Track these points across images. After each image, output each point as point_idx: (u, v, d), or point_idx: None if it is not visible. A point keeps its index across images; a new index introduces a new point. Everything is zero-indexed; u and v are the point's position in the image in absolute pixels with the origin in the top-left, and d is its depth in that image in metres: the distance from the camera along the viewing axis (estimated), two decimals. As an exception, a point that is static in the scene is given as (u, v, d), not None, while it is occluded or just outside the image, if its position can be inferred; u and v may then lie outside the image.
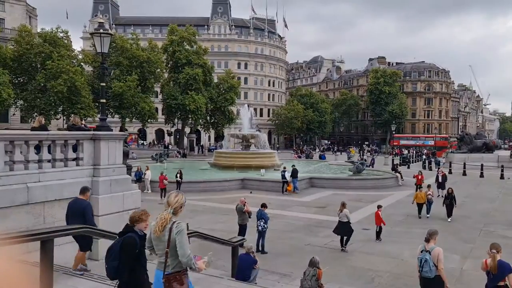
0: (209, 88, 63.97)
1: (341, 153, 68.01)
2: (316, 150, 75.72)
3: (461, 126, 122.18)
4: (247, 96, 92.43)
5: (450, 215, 19.27)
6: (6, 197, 7.85)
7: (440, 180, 25.75)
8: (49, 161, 8.92)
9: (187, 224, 13.94)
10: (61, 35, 50.87)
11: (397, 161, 48.28)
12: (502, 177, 36.13)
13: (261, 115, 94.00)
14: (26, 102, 48.65)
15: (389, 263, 13.00)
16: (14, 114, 54.88)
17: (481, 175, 37.33)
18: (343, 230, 14.39)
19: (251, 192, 25.37)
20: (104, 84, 13.97)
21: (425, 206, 19.99)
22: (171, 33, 62.78)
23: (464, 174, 38.71)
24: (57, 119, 52.63)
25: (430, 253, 7.73)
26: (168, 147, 68.58)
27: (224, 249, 11.41)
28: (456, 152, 52.15)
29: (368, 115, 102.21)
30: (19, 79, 49.69)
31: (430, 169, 44.46)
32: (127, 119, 59.74)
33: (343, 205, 14.74)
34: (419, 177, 26.96)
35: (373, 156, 59.09)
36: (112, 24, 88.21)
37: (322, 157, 57.99)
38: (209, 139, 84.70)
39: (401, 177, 32.05)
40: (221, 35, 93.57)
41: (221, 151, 42.02)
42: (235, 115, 67.46)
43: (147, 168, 27.33)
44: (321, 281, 8.55)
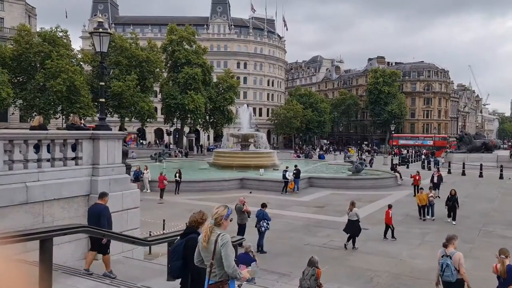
0: (208, 88, 63.95)
1: (340, 153, 67.99)
2: (317, 150, 75.49)
3: (460, 126, 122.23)
4: (246, 96, 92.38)
5: (454, 217, 18.73)
6: (5, 196, 7.85)
7: (436, 180, 25.54)
8: (48, 160, 8.90)
9: (186, 224, 14.03)
10: (61, 34, 50.78)
11: (396, 161, 48.32)
12: (501, 177, 36.15)
13: (260, 114, 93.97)
14: (25, 101, 48.59)
15: (388, 263, 13.01)
16: (13, 114, 54.84)
17: (480, 175, 37.35)
18: (352, 229, 14.58)
19: (250, 192, 25.35)
20: (103, 84, 13.97)
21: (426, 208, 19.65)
22: (171, 32, 62.75)
23: (463, 174, 38.74)
24: (56, 118, 52.58)
25: (451, 258, 7.96)
26: (169, 147, 68.55)
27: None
28: (455, 152, 52.20)
29: (367, 115, 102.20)
30: (18, 78, 49.63)
31: (429, 169, 44.45)
32: (126, 119, 59.73)
33: (353, 204, 14.96)
34: (417, 177, 26.54)
35: (371, 155, 59.09)
36: (112, 23, 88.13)
37: (321, 157, 58.03)
38: (208, 139, 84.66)
39: (400, 177, 32.07)
40: (220, 34, 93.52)
41: (220, 151, 42.01)
42: (234, 115, 67.45)
43: (145, 168, 27.31)
44: (320, 281, 8.56)
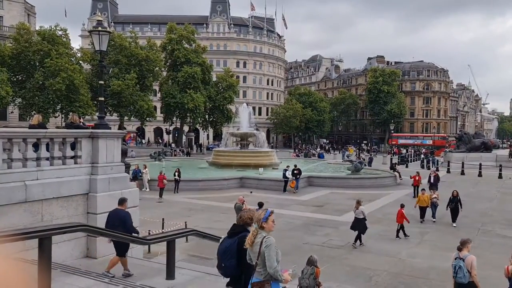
0: (208, 87, 63.95)
1: (339, 152, 67.92)
2: (318, 149, 75.29)
3: (460, 125, 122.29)
4: (245, 95, 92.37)
5: (454, 219, 17.98)
6: (4, 195, 7.84)
7: (432, 180, 24.89)
8: (47, 159, 8.89)
9: (185, 222, 13.91)
10: (60, 33, 50.73)
11: (395, 160, 48.33)
12: (500, 176, 36.14)
13: (259, 113, 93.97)
14: (24, 100, 48.55)
15: (387, 262, 13.02)
16: (12, 112, 54.79)
17: (480, 175, 37.34)
18: (359, 226, 14.69)
19: (251, 192, 25.18)
20: (102, 82, 13.96)
21: (428, 210, 18.88)
22: (170, 31, 62.72)
23: (463, 173, 38.74)
24: (55, 117, 52.55)
25: (463, 260, 8.23)
26: (171, 145, 68.48)
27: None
28: (454, 152, 52.17)
29: (367, 114, 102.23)
30: (17, 77, 49.57)
31: (428, 168, 44.45)
32: (126, 118, 59.74)
33: (359, 202, 15.10)
34: (416, 178, 25.59)
35: (370, 154, 59.08)
36: (111, 22, 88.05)
37: (320, 156, 58.04)
38: (207, 138, 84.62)
39: (400, 176, 32.05)
40: (220, 33, 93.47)
41: (219, 150, 41.97)
42: (233, 114, 67.41)
43: (144, 167, 27.30)
44: (319, 280, 8.55)
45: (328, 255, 13.25)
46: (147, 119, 60.89)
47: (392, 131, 78.75)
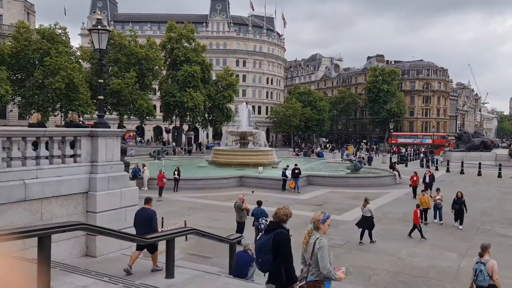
0: (208, 86, 63.90)
1: (338, 151, 67.81)
2: (319, 148, 75.11)
3: (459, 124, 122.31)
4: (245, 94, 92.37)
5: (461, 222, 17.46)
6: (4, 194, 7.83)
7: (428, 180, 24.58)
8: (46, 157, 8.89)
9: (184, 221, 13.87)
10: (59, 31, 50.68)
11: (395, 159, 48.32)
12: (499, 175, 36.15)
13: (259, 112, 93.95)
14: (24, 98, 48.53)
15: (387, 261, 13.02)
16: (11, 111, 54.76)
17: (479, 174, 37.35)
18: (366, 224, 14.85)
19: (253, 191, 24.92)
20: (102, 81, 13.94)
21: (430, 211, 18.36)
22: (170, 30, 62.65)
23: (462, 172, 38.75)
24: (55, 115, 52.53)
25: (485, 264, 8.42)
26: (173, 144, 68.41)
27: (221, 246, 11.42)
28: (454, 151, 52.18)
29: (366, 113, 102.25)
30: (17, 75, 49.53)
31: (428, 167, 44.46)
32: (125, 116, 59.69)
33: (366, 200, 15.40)
34: (414, 178, 25.28)
35: (370, 153, 59.04)
36: (111, 21, 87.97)
37: (320, 155, 58.03)
38: (207, 137, 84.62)
39: (399, 175, 32.05)
40: (219, 32, 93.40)
41: (219, 149, 41.95)
42: (233, 113, 67.42)
43: (143, 166, 27.30)
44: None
45: (327, 254, 13.23)
46: (147, 118, 60.84)
47: (392, 130, 78.79)
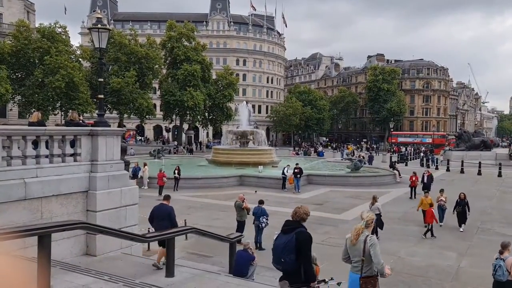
0: (208, 85, 63.86)
1: (337, 151, 67.78)
2: (320, 148, 74.85)
3: (459, 124, 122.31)
4: (245, 93, 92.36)
5: (463, 223, 16.95)
6: (4, 193, 7.83)
7: (426, 180, 24.28)
8: (46, 156, 8.88)
9: (184, 220, 13.87)
10: (59, 30, 50.59)
11: (395, 158, 48.33)
12: (500, 175, 36.16)
13: (259, 112, 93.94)
14: (24, 97, 48.48)
15: (387, 260, 12.90)
16: (11, 110, 54.70)
17: (479, 173, 37.36)
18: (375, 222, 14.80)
19: (256, 191, 24.60)
20: (102, 80, 13.94)
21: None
22: (170, 29, 62.59)
23: (462, 171, 38.76)
24: (55, 114, 52.48)
25: (504, 260, 8.60)
26: (175, 143, 68.32)
27: (221, 245, 11.42)
28: (454, 150, 52.20)
29: (367, 113, 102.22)
30: (17, 74, 49.46)
31: (428, 166, 44.51)
32: (125, 115, 59.66)
33: (375, 198, 15.65)
34: (413, 178, 24.85)
35: (370, 153, 59.01)
36: (111, 19, 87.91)
37: (320, 154, 58.05)
38: (207, 136, 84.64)
39: (399, 175, 32.08)
40: (219, 31, 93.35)
41: (219, 148, 41.96)
42: (233, 112, 67.41)
43: (144, 165, 27.30)
44: (318, 278, 8.57)
45: (327, 253, 13.23)
46: (147, 117, 60.79)
47: (392, 130, 78.87)
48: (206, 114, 67.85)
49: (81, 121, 11.18)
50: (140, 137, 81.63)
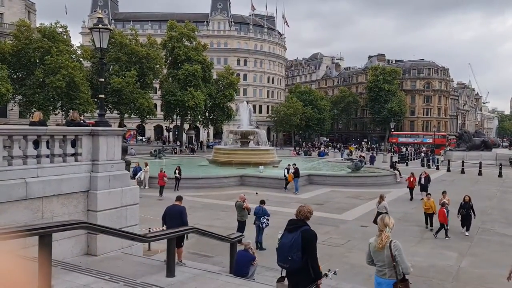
0: (208, 85, 63.89)
1: (338, 151, 67.67)
2: (322, 148, 74.56)
3: (460, 124, 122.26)
4: (246, 93, 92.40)
5: (468, 227, 16.28)
6: (4, 192, 7.83)
7: (423, 182, 23.96)
8: (47, 156, 8.89)
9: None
10: (60, 30, 50.67)
11: (395, 158, 48.32)
12: (500, 175, 36.14)
13: (260, 111, 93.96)
14: (24, 97, 48.54)
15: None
16: (12, 109, 54.75)
17: (480, 173, 37.34)
18: None
19: (256, 193, 24.56)
20: (103, 80, 13.96)
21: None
22: (170, 29, 62.64)
23: (463, 172, 38.74)
24: (55, 114, 52.57)
25: None
26: (176, 143, 68.26)
27: (222, 245, 11.43)
28: (454, 150, 52.18)
29: (367, 113, 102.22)
30: (17, 74, 49.53)
31: (429, 166, 44.52)
32: (126, 115, 59.70)
33: (382, 197, 15.99)
34: (411, 179, 24.40)
35: (372, 153, 58.97)
36: (111, 19, 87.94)
37: (320, 154, 58.02)
38: (208, 136, 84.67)
39: (400, 175, 32.06)
40: (220, 31, 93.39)
41: (220, 148, 41.96)
42: (234, 112, 67.43)
43: (145, 165, 27.31)
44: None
45: (327, 253, 13.25)
46: (147, 116, 60.87)
47: (393, 130, 78.87)
48: (207, 114, 67.90)
49: (82, 121, 11.19)
50: (141, 137, 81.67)
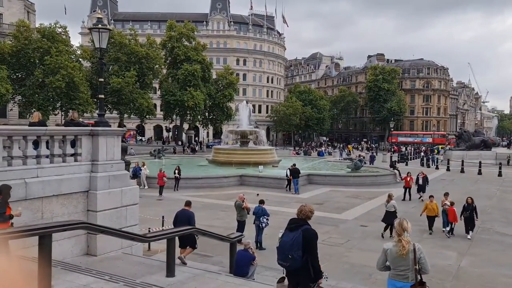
0: (208, 85, 63.91)
1: (338, 150, 67.59)
2: (323, 148, 74.17)
3: (460, 123, 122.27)
4: (245, 93, 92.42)
5: (471, 230, 15.74)
6: (4, 193, 7.83)
7: (420, 182, 23.69)
8: (47, 156, 8.89)
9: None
10: (60, 30, 50.66)
11: (395, 158, 48.32)
12: (500, 174, 36.15)
13: (259, 111, 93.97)
14: (24, 97, 48.53)
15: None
16: (12, 110, 54.74)
17: (479, 173, 37.34)
18: (390, 219, 15.13)
19: (257, 194, 24.55)
20: (102, 80, 13.94)
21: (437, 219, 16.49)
22: (170, 29, 62.66)
23: (462, 171, 38.75)
24: (55, 114, 52.55)
25: None
26: (178, 143, 68.20)
27: (222, 245, 11.43)
28: (454, 149, 52.19)
29: (367, 112, 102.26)
30: (17, 74, 49.51)
31: (428, 166, 44.52)
32: (126, 115, 59.71)
33: (390, 196, 16.09)
34: (408, 178, 24.11)
35: (372, 153, 58.96)
36: (111, 19, 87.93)
37: (320, 154, 58.03)
38: (207, 136, 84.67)
39: (399, 174, 32.04)
40: (219, 31, 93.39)
41: (219, 148, 41.95)
42: (233, 112, 67.43)
43: (143, 164, 27.32)
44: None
45: (327, 252, 13.25)
46: (147, 116, 60.87)
47: (392, 129, 78.90)
48: (207, 114, 67.91)
49: (80, 121, 11.18)
50: (140, 137, 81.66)
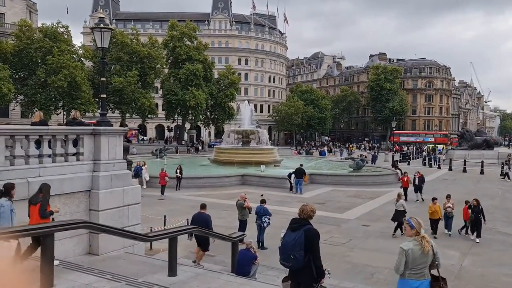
0: (210, 84, 63.93)
1: (339, 151, 67.38)
2: (325, 147, 73.74)
3: (462, 123, 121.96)
4: (247, 92, 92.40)
5: (478, 233, 15.22)
6: (7, 192, 7.84)
7: (417, 182, 23.42)
8: (49, 156, 8.91)
9: (187, 219, 13.83)
10: (62, 30, 50.75)
11: (397, 157, 48.27)
12: (502, 174, 36.08)
13: (261, 111, 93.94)
14: (26, 97, 48.61)
15: (389, 259, 12.95)
16: (14, 109, 54.87)
17: (481, 172, 37.30)
18: (399, 218, 15.38)
19: (262, 195, 24.43)
20: (104, 79, 13.95)
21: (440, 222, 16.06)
22: (172, 28, 62.67)
23: (464, 171, 38.69)
24: (57, 114, 52.65)
25: None
26: (183, 142, 68.22)
27: (224, 244, 11.44)
28: (456, 149, 52.13)
29: (369, 112, 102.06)
30: (19, 74, 49.63)
31: (430, 165, 44.48)
32: (127, 115, 59.76)
33: (399, 195, 16.62)
34: (405, 179, 23.85)
35: (374, 152, 58.87)
36: (113, 19, 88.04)
37: (322, 154, 57.99)
38: (209, 135, 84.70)
39: (401, 174, 31.99)
40: (221, 30, 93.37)
41: (221, 147, 41.96)
42: (235, 111, 67.43)
43: (144, 164, 27.34)
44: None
45: (329, 252, 13.24)
46: (149, 116, 60.93)
47: (394, 129, 78.74)
48: (208, 113, 67.93)
49: (82, 120, 11.20)
50: (142, 137, 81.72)
